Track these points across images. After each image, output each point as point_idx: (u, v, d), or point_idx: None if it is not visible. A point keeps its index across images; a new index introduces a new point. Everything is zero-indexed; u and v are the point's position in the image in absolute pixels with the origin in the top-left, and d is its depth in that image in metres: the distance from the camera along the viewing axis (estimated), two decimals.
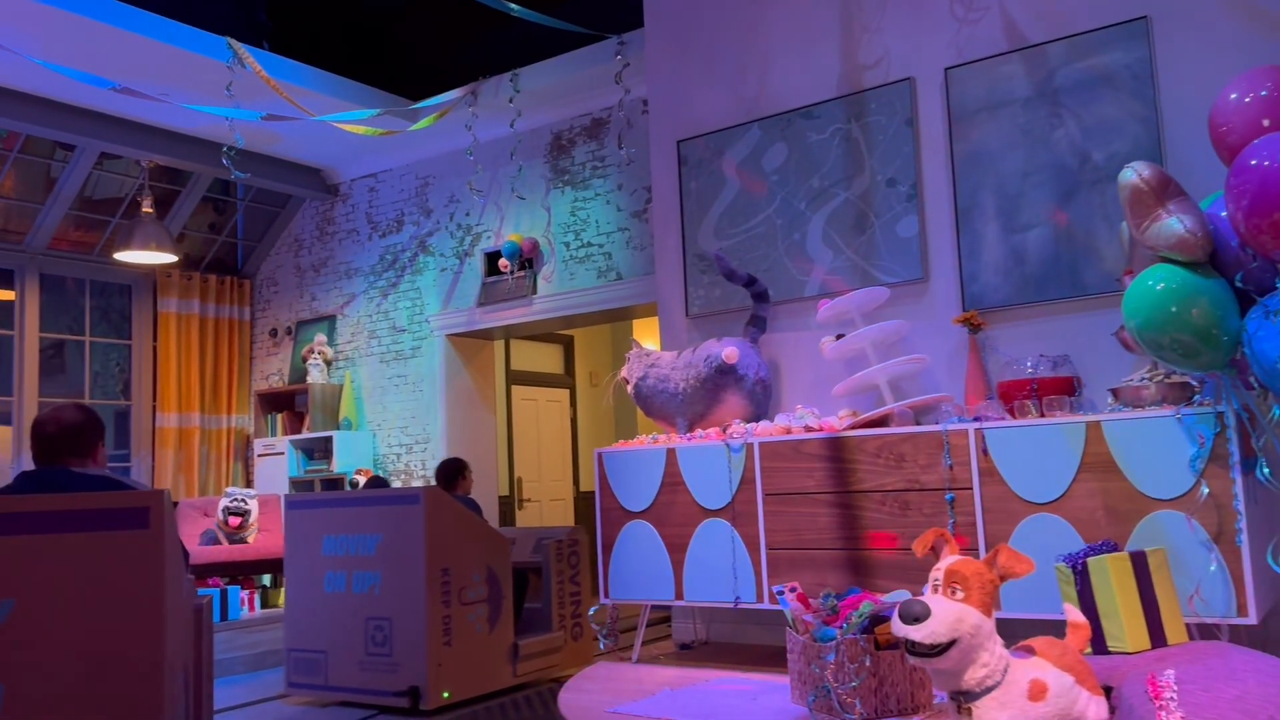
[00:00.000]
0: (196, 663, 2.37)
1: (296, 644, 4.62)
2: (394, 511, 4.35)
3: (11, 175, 7.64)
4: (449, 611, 4.27)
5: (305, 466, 8.49)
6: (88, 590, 1.68)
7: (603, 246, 7.38)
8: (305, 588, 4.62)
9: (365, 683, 4.32)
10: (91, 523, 1.72)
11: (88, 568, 1.69)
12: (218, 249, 9.18)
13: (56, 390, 8.48)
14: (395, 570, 4.30)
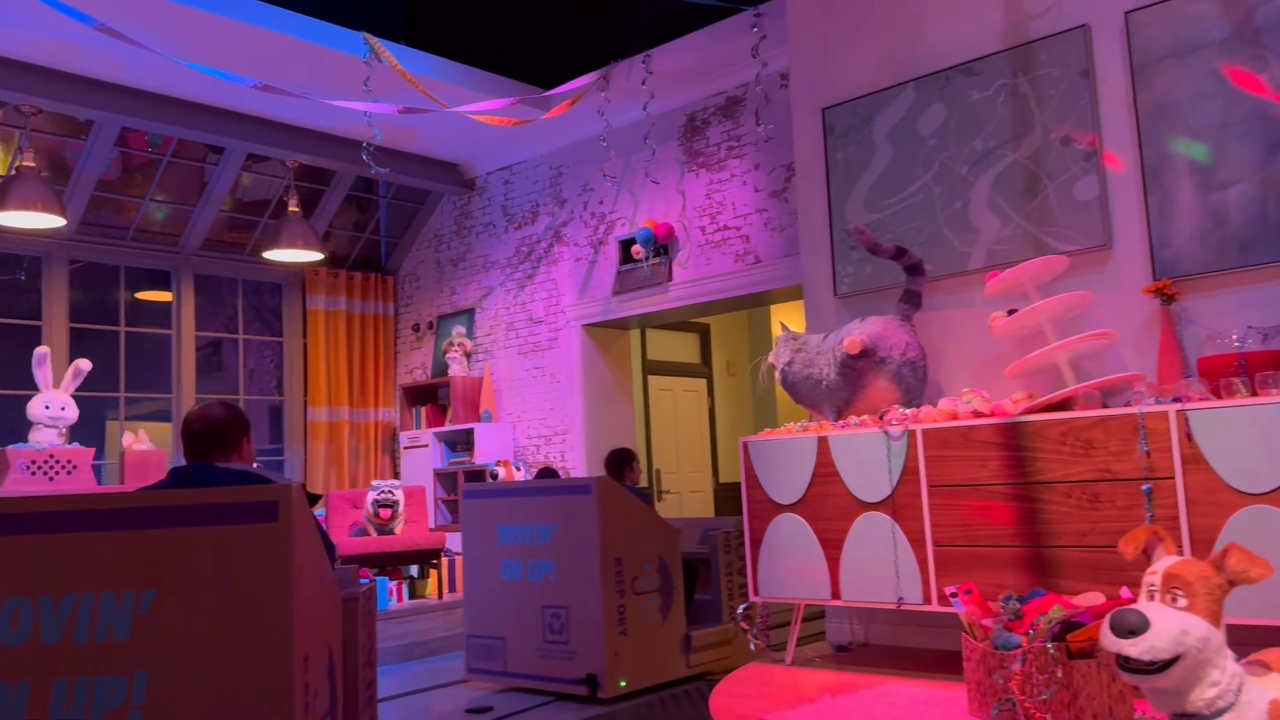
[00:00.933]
0: (352, 651, 2.39)
1: (475, 630, 4.71)
2: (567, 501, 4.42)
3: (166, 179, 7.93)
4: (623, 601, 4.31)
5: (449, 458, 8.55)
6: (221, 582, 1.71)
7: (740, 229, 7.11)
8: (482, 575, 4.71)
9: (543, 670, 4.40)
10: (223, 516, 1.74)
11: (221, 560, 1.72)
12: (362, 246, 9.34)
13: (213, 387, 8.80)
14: (570, 559, 4.36)
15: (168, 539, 1.71)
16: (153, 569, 1.70)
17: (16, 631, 1.67)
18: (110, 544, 1.71)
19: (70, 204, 7.28)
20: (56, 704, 1.64)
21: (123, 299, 8.08)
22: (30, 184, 6.39)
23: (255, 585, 1.71)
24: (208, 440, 2.57)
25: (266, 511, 1.74)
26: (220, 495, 1.79)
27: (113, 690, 1.65)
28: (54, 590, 1.69)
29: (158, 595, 1.69)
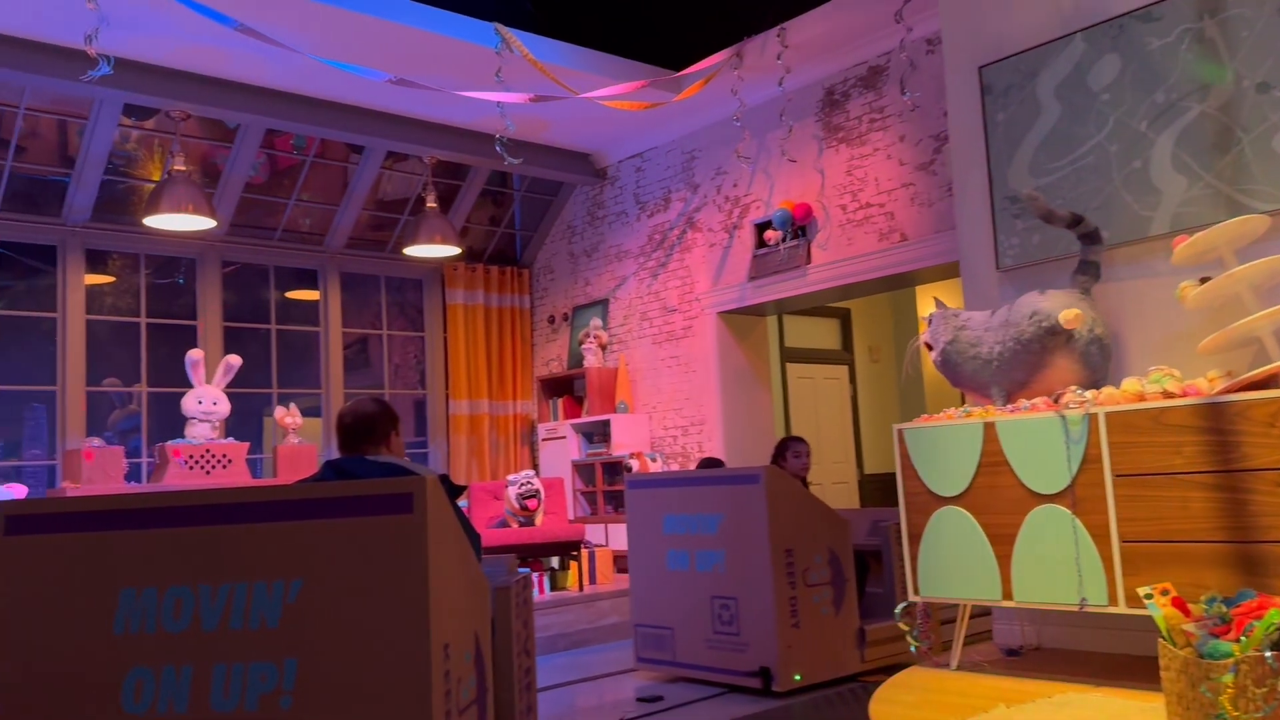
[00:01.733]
0: (505, 639, 2.39)
1: (643, 619, 4.71)
2: (734, 491, 4.36)
3: (311, 179, 8.13)
4: (794, 593, 4.25)
5: (586, 450, 8.49)
6: (361, 571, 1.75)
7: (884, 206, 6.75)
8: (648, 565, 4.70)
9: (714, 661, 4.35)
10: (362, 508, 1.77)
11: (360, 550, 1.75)
12: (498, 240, 9.39)
13: (360, 383, 9.00)
14: (738, 550, 4.30)
15: (311, 530, 1.76)
16: (299, 559, 1.75)
17: (179, 619, 1.75)
18: (260, 535, 1.77)
19: (220, 206, 7.54)
20: (216, 687, 1.71)
21: (273, 298, 8.34)
22: (182, 187, 6.62)
23: (392, 574, 1.73)
24: (357, 434, 2.63)
25: (403, 503, 1.75)
26: (359, 488, 1.80)
27: (265, 676, 1.71)
28: (211, 579, 1.76)
29: (304, 585, 1.74)
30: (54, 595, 1.81)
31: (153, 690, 1.73)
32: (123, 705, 1.73)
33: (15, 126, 6.64)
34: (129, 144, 7.35)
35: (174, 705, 1.71)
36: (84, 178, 6.95)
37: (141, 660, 1.75)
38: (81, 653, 1.77)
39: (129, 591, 1.78)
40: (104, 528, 1.82)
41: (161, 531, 1.80)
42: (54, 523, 1.85)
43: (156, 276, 8.00)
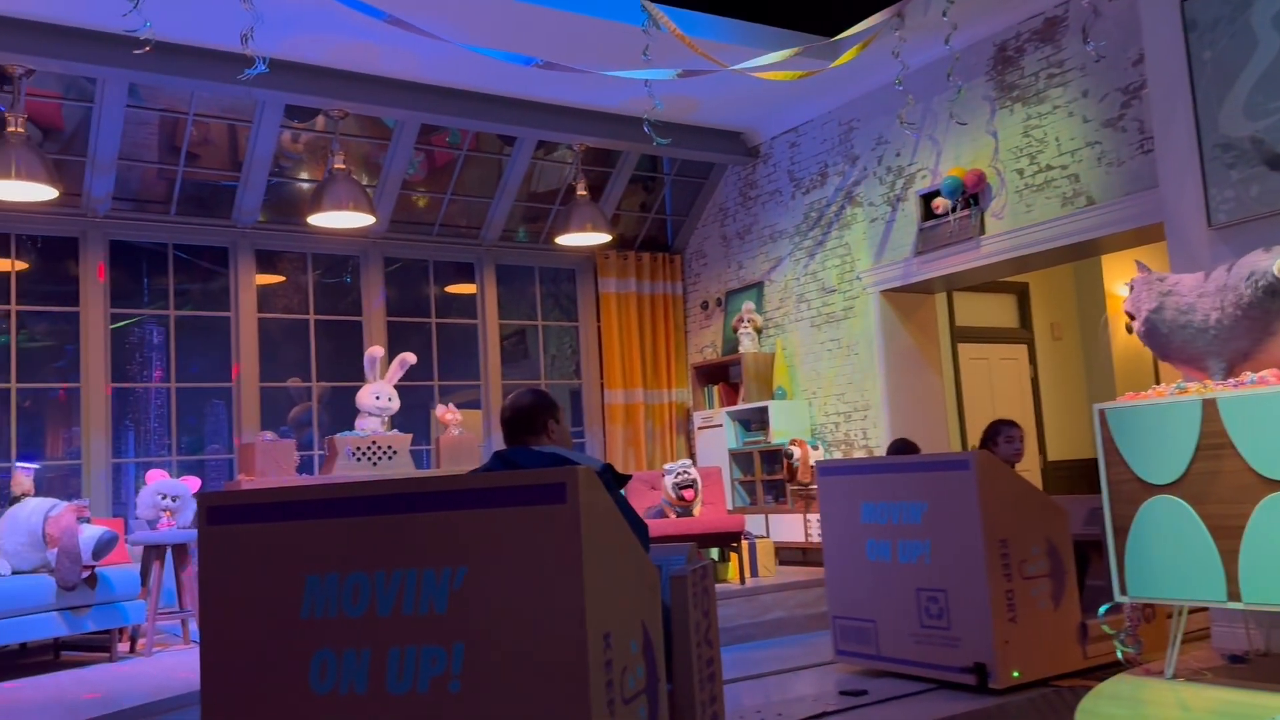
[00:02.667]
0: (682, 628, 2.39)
1: (841, 611, 4.60)
2: (940, 478, 4.19)
3: (465, 173, 8.19)
4: (1011, 585, 4.05)
5: (743, 438, 8.24)
6: (518, 560, 1.78)
7: (1066, 168, 6.19)
8: (845, 555, 4.58)
9: (921, 655, 4.22)
10: (517, 498, 1.80)
11: (517, 539, 1.78)
12: (649, 227, 9.24)
13: (518, 374, 9.04)
14: (946, 540, 4.14)
15: (472, 519, 1.80)
16: (463, 547, 1.80)
17: (358, 604, 1.83)
18: (427, 524, 1.83)
19: (380, 203, 7.68)
20: (391, 670, 1.78)
21: (432, 292, 8.46)
22: (342, 185, 6.75)
23: (548, 563, 1.75)
24: (518, 426, 2.68)
25: (556, 493, 1.77)
26: (514, 478, 1.83)
27: (436, 660, 1.77)
28: (385, 566, 1.83)
29: (469, 572, 1.79)
30: (249, 580, 1.93)
31: (335, 671, 1.82)
32: (310, 685, 1.83)
33: (185, 133, 6.93)
34: (293, 145, 7.58)
35: (355, 686, 1.80)
36: (251, 180, 7.20)
37: (325, 643, 1.84)
38: (273, 634, 1.88)
39: (314, 578, 1.87)
40: (291, 518, 1.92)
41: (341, 521, 1.88)
42: (247, 513, 1.96)
43: (323, 275, 8.25)
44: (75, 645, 5.33)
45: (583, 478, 1.80)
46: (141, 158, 7.04)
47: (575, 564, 1.74)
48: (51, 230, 6.92)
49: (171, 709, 4.00)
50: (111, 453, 6.90)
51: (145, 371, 8.18)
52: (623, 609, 1.90)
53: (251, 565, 1.94)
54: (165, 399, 7.46)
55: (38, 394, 7.41)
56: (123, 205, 7.10)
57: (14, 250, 6.84)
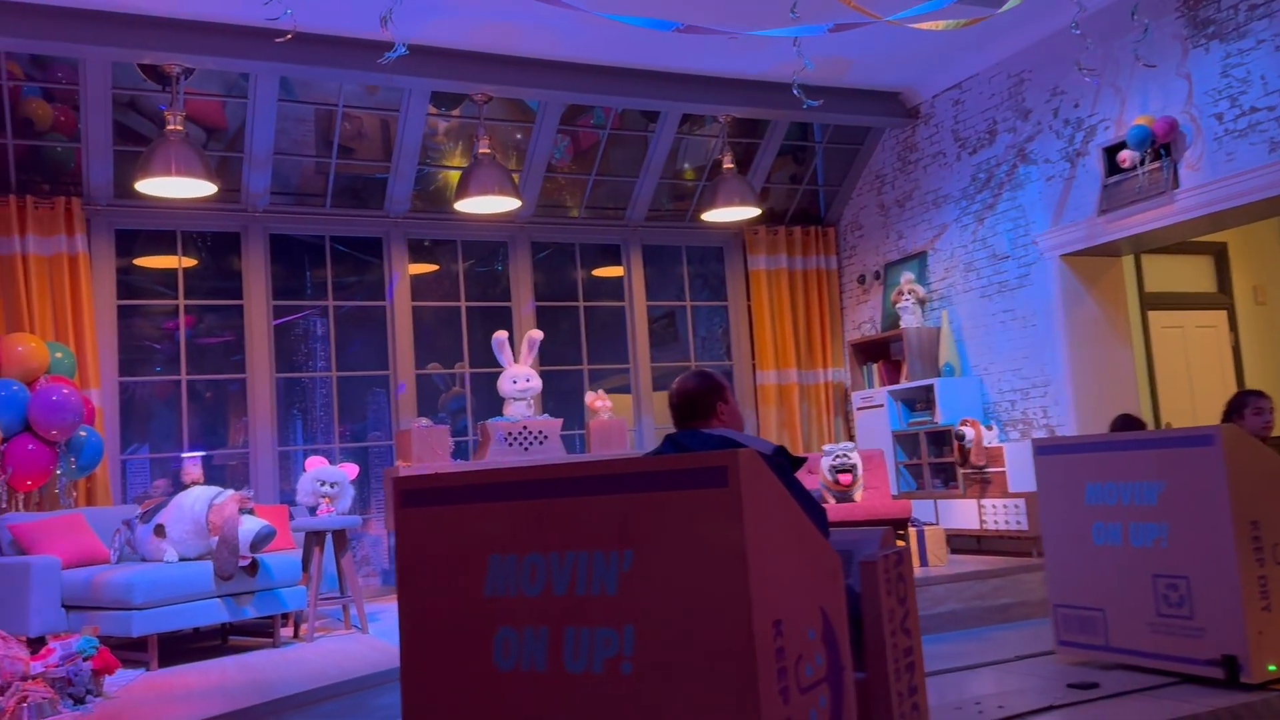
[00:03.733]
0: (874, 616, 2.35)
1: (1064, 599, 4.35)
2: (1179, 455, 3.89)
3: (609, 153, 8.02)
4: (1264, 571, 3.71)
5: (907, 419, 7.77)
6: (682, 544, 1.77)
7: (1275, 110, 5.46)
8: (1068, 539, 4.32)
9: (1158, 647, 3.95)
10: (679, 482, 1.79)
11: (680, 523, 1.78)
12: (800, 199, 8.85)
13: (669, 357, 8.85)
14: (1188, 522, 3.85)
15: (638, 503, 1.81)
16: (629, 530, 1.81)
17: (535, 584, 1.88)
18: (596, 507, 1.86)
19: (525, 188, 7.61)
20: (568, 648, 1.82)
21: (579, 276, 8.35)
22: (487, 170, 6.69)
23: (711, 548, 1.74)
24: (685, 410, 2.68)
25: (718, 476, 1.74)
26: (676, 462, 1.83)
27: (609, 641, 1.79)
28: (559, 548, 1.87)
29: (636, 555, 1.79)
30: (438, 559, 2.02)
31: (517, 649, 1.87)
32: (494, 661, 1.89)
33: (336, 125, 7.03)
34: (439, 135, 7.60)
35: (535, 664, 1.85)
36: (401, 169, 7.25)
37: (507, 621, 1.89)
38: (461, 611, 1.95)
39: (496, 557, 1.94)
40: (474, 500, 2.00)
41: (518, 503, 1.94)
42: (436, 496, 2.06)
43: (473, 262, 8.27)
44: (242, 630, 5.48)
45: (745, 461, 1.75)
46: (297, 152, 7.20)
47: (739, 549, 1.71)
48: (215, 226, 7.17)
49: (325, 698, 3.99)
50: (277, 441, 7.11)
51: (310, 361, 8.43)
52: (797, 595, 1.88)
53: (440, 545, 2.02)
54: (328, 388, 7.64)
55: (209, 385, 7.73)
56: (281, 200, 7.29)
57: (181, 247, 7.12)
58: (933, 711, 3.56)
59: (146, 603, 4.54)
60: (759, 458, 1.81)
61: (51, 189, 6.53)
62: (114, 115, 6.41)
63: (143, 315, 7.39)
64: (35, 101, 6.34)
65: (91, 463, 5.96)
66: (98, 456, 6.00)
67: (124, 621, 4.52)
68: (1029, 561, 6.31)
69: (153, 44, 5.86)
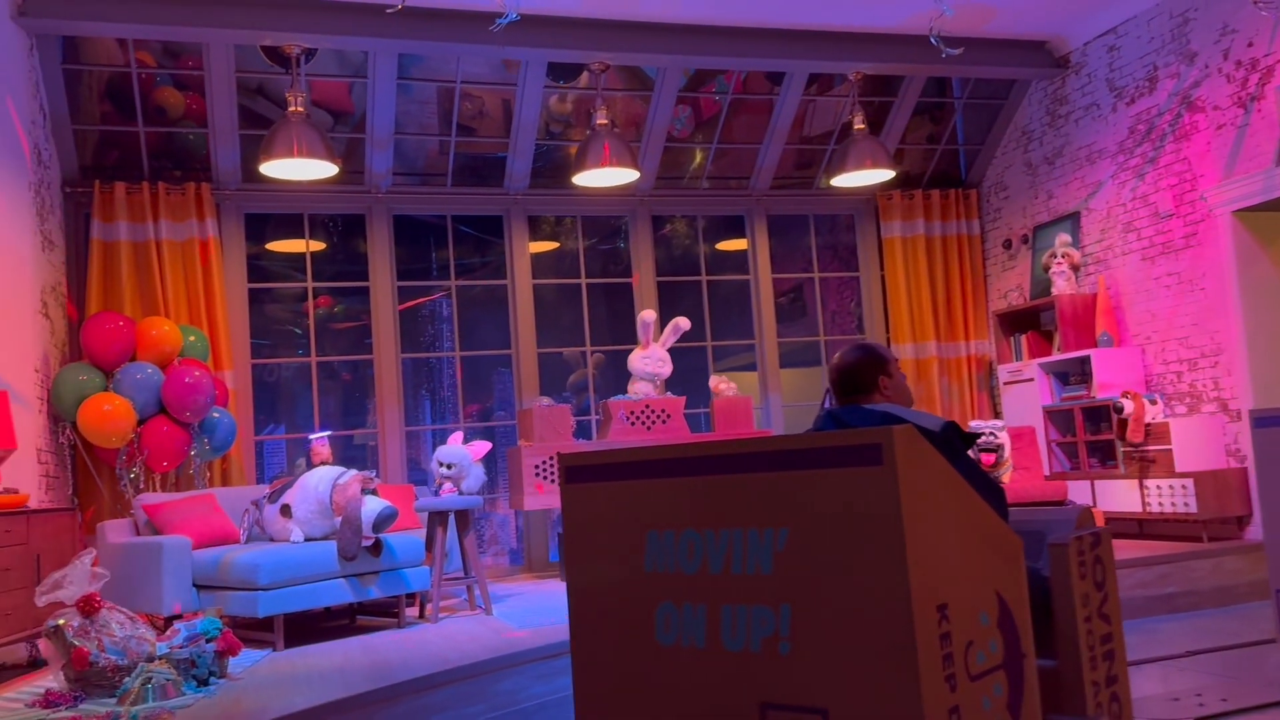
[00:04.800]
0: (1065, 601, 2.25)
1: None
2: None
3: (732, 121, 7.70)
4: None
5: (1060, 393, 7.20)
6: (836, 524, 1.73)
7: None
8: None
9: None
10: (833, 459, 1.74)
11: (834, 502, 1.73)
12: (938, 161, 8.31)
13: (796, 332, 8.49)
14: None
15: (791, 481, 1.78)
16: (783, 509, 1.78)
17: (692, 561, 1.89)
18: (750, 485, 1.83)
19: (645, 160, 7.37)
20: (725, 626, 1.81)
21: (702, 250, 8.08)
22: (605, 141, 6.48)
23: (865, 529, 1.70)
24: (845, 385, 2.59)
25: (871, 454, 1.70)
26: (828, 439, 1.78)
27: (765, 620, 1.77)
28: (713, 525, 1.86)
29: (790, 534, 1.77)
30: (600, 534, 2.06)
31: (677, 624, 1.89)
32: (656, 636, 1.91)
33: (455, 103, 6.95)
34: (558, 106, 7.43)
35: (695, 640, 1.85)
36: (519, 145, 7.12)
37: (666, 596, 1.91)
38: (623, 586, 1.99)
39: (653, 533, 1.95)
40: (633, 476, 2.01)
41: (674, 480, 1.94)
42: (597, 472, 2.08)
43: (594, 238, 8.11)
44: (369, 609, 5.47)
45: (902, 438, 1.67)
46: (418, 131, 7.17)
47: (895, 531, 1.65)
48: (340, 208, 7.22)
49: (444, 683, 3.89)
50: (405, 421, 7.12)
51: (436, 342, 8.45)
52: (966, 579, 1.81)
53: (602, 520, 2.05)
54: (454, 368, 7.63)
55: (339, 367, 7.83)
56: (403, 180, 7.27)
57: (308, 230, 7.19)
58: (1146, 703, 3.23)
59: (271, 583, 4.54)
60: (918, 434, 1.72)
61: (183, 175, 6.67)
62: (243, 101, 6.50)
63: (273, 298, 7.53)
64: (167, 90, 6.48)
65: (225, 444, 6.07)
66: (231, 438, 6.11)
67: (250, 602, 4.54)
68: (1199, 547, 5.75)
69: (272, 25, 5.88)
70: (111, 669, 3.60)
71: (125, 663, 3.63)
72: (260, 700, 3.53)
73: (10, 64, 5.38)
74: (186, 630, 3.83)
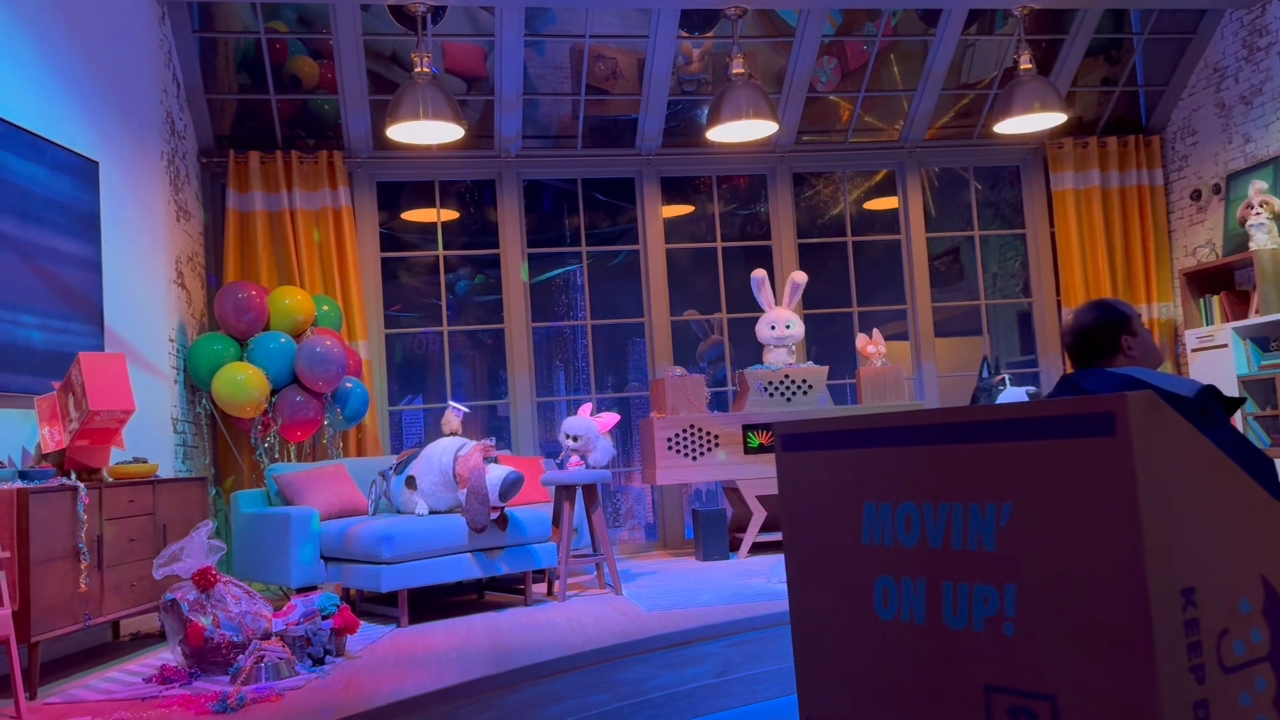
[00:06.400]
0: None
1: None
2: None
3: (880, 70, 7.11)
4: None
5: (1258, 360, 6.36)
6: (1062, 499, 1.59)
7: None
8: None
9: None
10: (1060, 429, 1.59)
11: (1060, 476, 1.59)
12: (1115, 104, 7.48)
13: (952, 296, 7.86)
14: None
15: (1014, 452, 1.68)
16: (1006, 482, 1.69)
17: (910, 534, 1.82)
18: (969, 456, 1.75)
19: (785, 113, 6.89)
20: (946, 603, 1.75)
21: (847, 209, 7.54)
22: (743, 92, 6.05)
23: (1096, 505, 1.55)
24: (1082, 349, 2.42)
25: (1102, 424, 1.54)
26: (1054, 407, 1.64)
27: (988, 599, 1.70)
28: (932, 498, 1.79)
29: (1014, 509, 1.68)
30: (818, 504, 2.00)
31: (896, 599, 1.83)
32: (875, 610, 1.86)
33: (584, 61, 6.65)
34: (691, 68, 7.03)
35: (915, 616, 1.80)
36: (651, 102, 6.77)
37: (885, 570, 1.85)
38: (841, 557, 1.94)
39: (870, 505, 1.89)
40: (849, 445, 1.94)
41: (890, 450, 1.87)
42: (812, 440, 2.01)
43: (730, 199, 7.69)
44: (498, 585, 5.29)
45: (1138, 405, 1.51)
46: (548, 90, 6.91)
47: (1129, 508, 1.52)
48: (469, 174, 7.05)
49: (565, 669, 3.63)
50: (536, 392, 6.93)
51: (569, 311, 8.24)
52: (1221, 562, 1.65)
53: (819, 490, 2.00)
54: (585, 337, 7.39)
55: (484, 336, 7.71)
56: (533, 144, 7.04)
57: (439, 199, 7.06)
58: None
59: (394, 557, 4.39)
60: (1159, 401, 1.54)
61: (316, 144, 6.63)
62: (376, 69, 6.39)
63: (406, 268, 7.46)
64: (301, 59, 6.43)
65: (358, 414, 6.01)
66: (363, 408, 6.04)
67: (374, 576, 4.40)
68: None
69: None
70: (226, 645, 3.49)
71: (240, 639, 3.52)
72: (370, 684, 3.35)
73: (141, 33, 5.39)
74: (303, 606, 3.70)
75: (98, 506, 3.76)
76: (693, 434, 6.00)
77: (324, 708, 3.08)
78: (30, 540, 3.35)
